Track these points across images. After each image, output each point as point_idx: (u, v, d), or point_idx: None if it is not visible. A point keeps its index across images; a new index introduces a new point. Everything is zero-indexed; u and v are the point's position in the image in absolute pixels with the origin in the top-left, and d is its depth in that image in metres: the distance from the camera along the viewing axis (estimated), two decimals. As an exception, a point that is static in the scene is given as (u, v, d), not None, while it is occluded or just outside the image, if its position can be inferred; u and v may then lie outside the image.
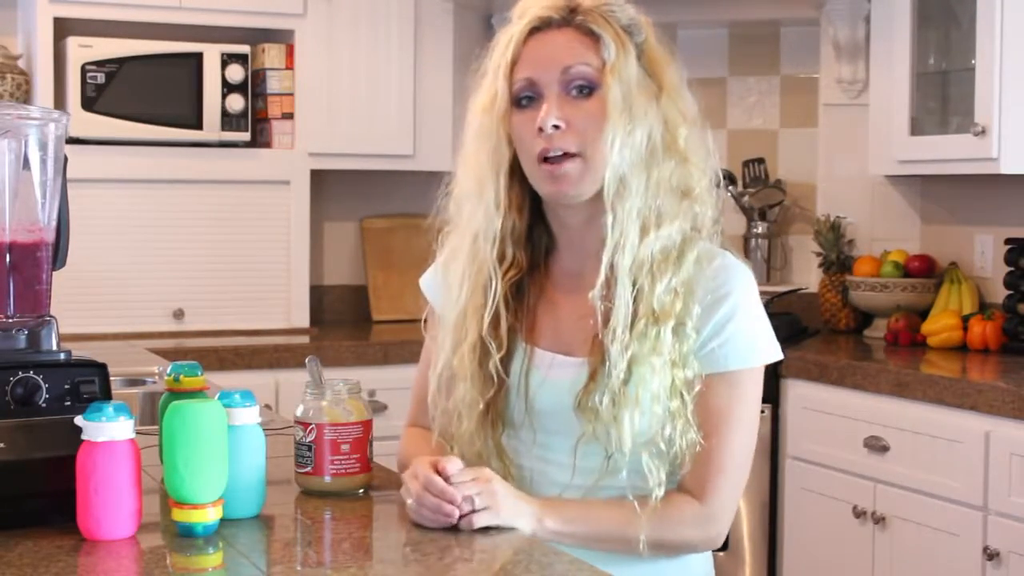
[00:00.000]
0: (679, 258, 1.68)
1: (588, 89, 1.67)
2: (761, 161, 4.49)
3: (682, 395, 1.66)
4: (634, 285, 1.66)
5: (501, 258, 1.75)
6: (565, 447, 1.72)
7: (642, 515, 1.65)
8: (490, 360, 1.73)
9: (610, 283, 1.67)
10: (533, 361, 1.75)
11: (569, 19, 1.69)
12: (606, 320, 1.67)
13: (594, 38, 1.68)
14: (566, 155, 1.67)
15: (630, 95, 1.66)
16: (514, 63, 1.70)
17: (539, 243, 1.80)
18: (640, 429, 1.66)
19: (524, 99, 1.70)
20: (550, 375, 1.74)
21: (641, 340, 1.65)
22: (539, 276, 1.80)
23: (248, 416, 1.68)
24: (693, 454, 1.67)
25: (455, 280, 1.78)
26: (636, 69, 1.68)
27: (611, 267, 1.67)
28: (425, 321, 1.92)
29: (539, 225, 1.79)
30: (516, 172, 1.73)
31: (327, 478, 1.78)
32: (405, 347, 4.02)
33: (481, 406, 1.73)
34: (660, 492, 1.66)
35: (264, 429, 1.73)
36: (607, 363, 1.66)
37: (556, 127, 1.66)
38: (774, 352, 1.74)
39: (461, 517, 1.58)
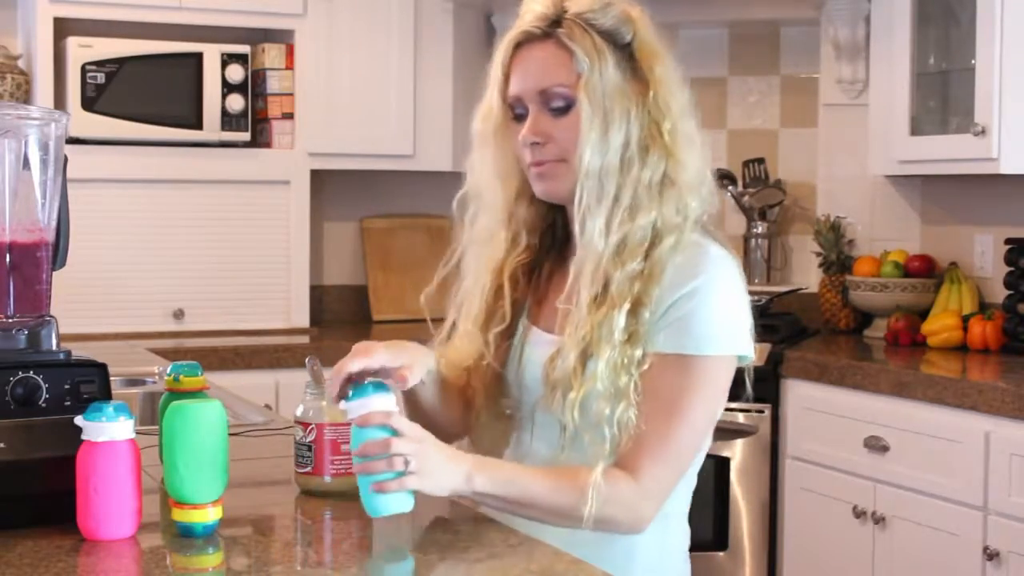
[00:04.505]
0: (652, 246, 1.70)
1: (565, 106, 1.72)
2: (761, 161, 4.49)
3: (630, 372, 1.66)
4: (598, 283, 1.70)
5: (515, 243, 1.84)
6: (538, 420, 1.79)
7: (586, 488, 1.62)
8: (490, 332, 1.81)
9: (575, 288, 1.72)
10: (527, 338, 1.83)
11: (550, 32, 1.73)
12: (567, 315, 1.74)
13: (570, 52, 1.71)
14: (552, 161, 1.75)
15: (603, 107, 1.70)
16: (506, 77, 1.77)
17: (559, 230, 1.87)
18: (587, 407, 1.67)
19: (517, 115, 1.77)
20: (535, 351, 1.80)
21: (598, 326, 1.67)
22: (554, 261, 1.87)
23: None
24: (629, 433, 1.66)
25: (471, 264, 1.87)
26: (615, 76, 1.71)
27: (578, 275, 1.72)
28: None
29: (561, 214, 1.86)
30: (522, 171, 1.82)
31: (327, 478, 1.78)
32: (405, 347, 4.02)
33: (483, 363, 1.82)
34: (600, 468, 1.64)
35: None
36: (565, 345, 1.70)
37: (536, 143, 1.74)
38: (733, 345, 1.70)
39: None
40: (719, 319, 1.69)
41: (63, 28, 4.06)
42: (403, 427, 1.59)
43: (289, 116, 4.30)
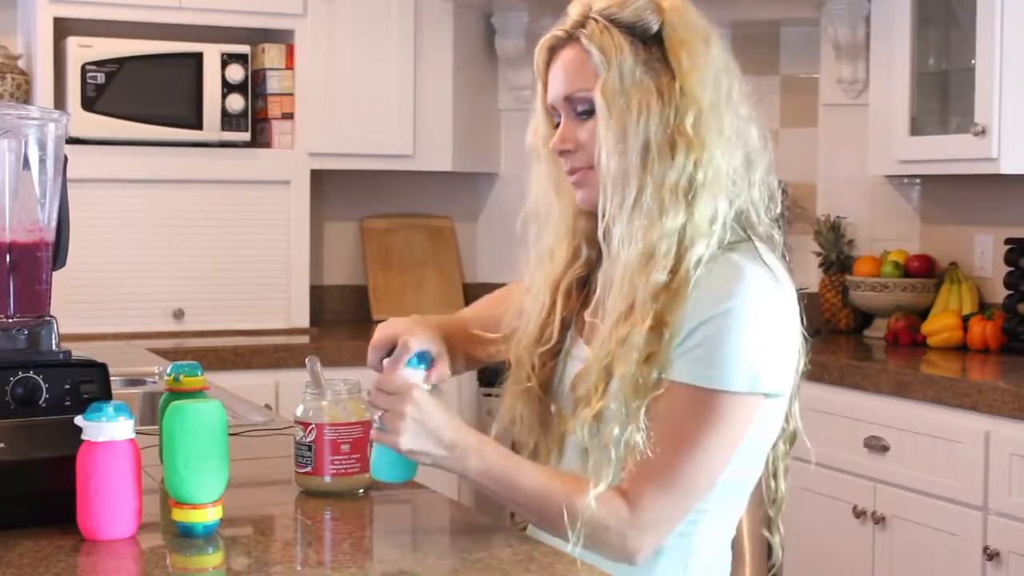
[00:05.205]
0: (680, 257, 1.60)
1: (589, 110, 1.67)
2: (761, 161, 4.49)
3: (644, 396, 1.58)
4: (625, 295, 1.64)
5: (575, 256, 1.79)
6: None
7: (577, 507, 1.57)
8: (536, 351, 1.78)
9: (602, 300, 1.69)
10: (571, 350, 1.78)
11: (574, 34, 1.68)
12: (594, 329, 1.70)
13: (588, 53, 1.66)
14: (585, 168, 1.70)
15: (619, 106, 1.63)
16: (545, 86, 1.74)
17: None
18: (598, 426, 1.61)
19: (557, 124, 1.73)
20: (572, 365, 1.76)
21: (620, 342, 1.61)
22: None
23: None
24: (635, 458, 1.58)
25: (534, 282, 1.83)
26: (634, 71, 1.64)
27: (605, 286, 1.68)
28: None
29: None
30: None
31: (327, 478, 1.78)
32: (405, 347, 4.02)
33: (528, 384, 1.78)
34: (596, 490, 1.57)
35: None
36: (591, 361, 1.66)
37: (565, 151, 1.70)
38: (755, 383, 1.59)
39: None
40: (742, 352, 1.57)
41: (63, 28, 4.06)
42: (392, 386, 1.60)
43: (289, 116, 4.31)
